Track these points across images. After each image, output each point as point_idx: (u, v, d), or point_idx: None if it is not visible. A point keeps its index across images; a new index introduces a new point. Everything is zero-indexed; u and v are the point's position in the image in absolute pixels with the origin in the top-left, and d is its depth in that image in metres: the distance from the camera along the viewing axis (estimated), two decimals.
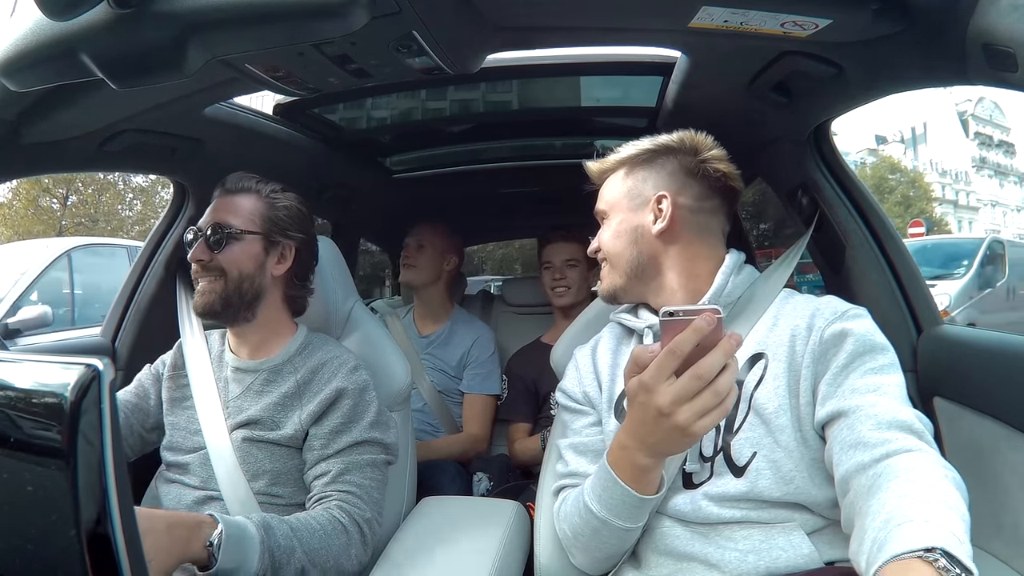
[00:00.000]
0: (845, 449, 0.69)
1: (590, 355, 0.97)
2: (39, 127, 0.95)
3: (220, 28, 0.62)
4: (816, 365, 0.76)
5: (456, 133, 1.83)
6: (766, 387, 0.78)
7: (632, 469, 0.72)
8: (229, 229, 0.99)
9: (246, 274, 1.00)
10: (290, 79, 0.85)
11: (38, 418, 0.42)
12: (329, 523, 0.89)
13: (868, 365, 0.74)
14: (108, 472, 0.39)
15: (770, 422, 0.77)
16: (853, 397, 0.71)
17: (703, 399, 0.62)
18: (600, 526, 0.78)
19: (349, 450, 0.96)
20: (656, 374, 0.63)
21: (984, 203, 38.28)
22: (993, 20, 0.61)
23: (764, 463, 0.76)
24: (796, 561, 0.73)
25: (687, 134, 0.91)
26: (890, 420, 0.68)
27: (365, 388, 1.02)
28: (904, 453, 0.65)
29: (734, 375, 0.62)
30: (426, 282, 1.87)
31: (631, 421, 0.70)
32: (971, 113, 36.93)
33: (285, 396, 1.00)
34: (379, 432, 1.00)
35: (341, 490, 0.94)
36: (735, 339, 0.61)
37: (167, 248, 1.40)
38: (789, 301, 0.86)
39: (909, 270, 1.06)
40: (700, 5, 0.74)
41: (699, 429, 0.63)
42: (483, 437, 1.75)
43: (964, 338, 0.94)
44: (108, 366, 0.40)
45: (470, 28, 0.82)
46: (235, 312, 1.01)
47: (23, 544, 0.42)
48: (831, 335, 0.76)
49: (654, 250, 0.89)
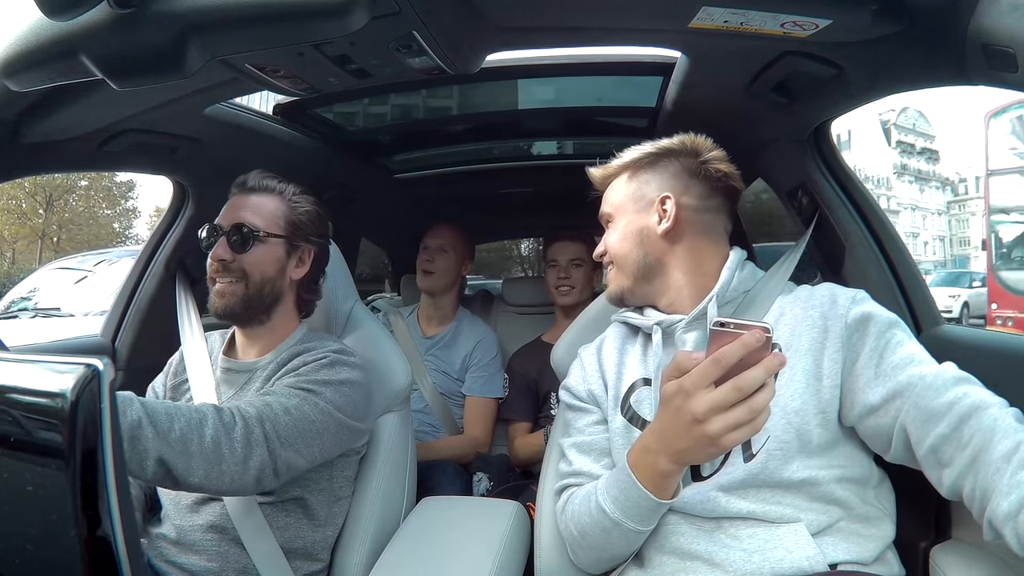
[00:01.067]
0: (920, 425, 0.71)
1: (595, 354, 0.97)
2: (39, 127, 0.95)
3: (220, 28, 0.62)
4: (846, 350, 0.79)
5: (456, 133, 1.83)
6: (782, 377, 0.78)
7: (653, 473, 0.73)
8: (254, 231, 0.98)
9: (268, 278, 0.99)
10: (290, 79, 0.85)
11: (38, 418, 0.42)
12: (200, 411, 0.77)
13: (895, 339, 0.79)
14: (108, 472, 0.39)
15: (786, 406, 0.78)
16: (897, 374, 0.75)
17: (738, 412, 0.62)
18: (612, 527, 0.78)
19: (282, 388, 0.89)
20: (697, 380, 0.64)
21: (904, 207, 41.53)
22: (993, 20, 0.61)
23: (775, 444, 0.77)
24: (800, 563, 0.73)
25: (687, 137, 0.93)
26: (942, 383, 0.72)
27: (338, 363, 0.96)
28: (976, 412, 0.68)
29: (771, 395, 0.63)
30: (445, 288, 1.87)
31: (660, 424, 0.70)
32: (894, 123, 40.53)
33: (266, 382, 0.98)
34: (335, 394, 0.91)
35: (247, 404, 0.83)
36: (780, 359, 0.62)
37: (167, 248, 1.40)
38: (789, 293, 0.89)
39: (909, 270, 1.06)
40: (700, 5, 0.74)
41: (727, 442, 0.64)
42: (484, 440, 1.75)
43: (964, 338, 0.94)
44: (108, 366, 0.40)
45: (470, 28, 0.82)
46: (253, 315, 1.00)
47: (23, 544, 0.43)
48: (855, 320, 0.80)
49: (660, 250, 0.90)
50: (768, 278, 0.91)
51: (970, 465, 0.66)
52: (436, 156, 2.03)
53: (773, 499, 0.77)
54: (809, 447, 0.77)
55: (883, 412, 0.76)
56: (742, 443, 0.78)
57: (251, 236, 0.98)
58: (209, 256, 0.99)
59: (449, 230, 1.91)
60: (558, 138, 2.01)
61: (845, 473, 0.79)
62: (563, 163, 2.07)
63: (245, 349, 1.06)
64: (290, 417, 0.85)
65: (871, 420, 0.77)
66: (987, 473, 0.64)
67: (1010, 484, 0.61)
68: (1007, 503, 0.60)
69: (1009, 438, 0.63)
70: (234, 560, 0.93)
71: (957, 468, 0.67)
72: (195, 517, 0.95)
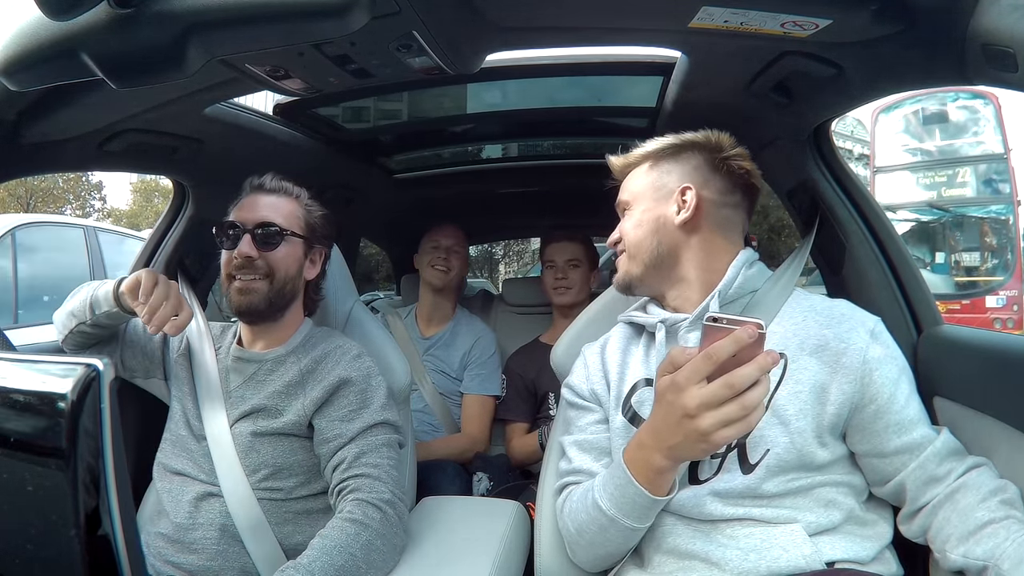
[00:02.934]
0: (919, 486, 0.78)
1: (599, 353, 0.97)
2: (39, 127, 0.95)
3: (220, 28, 0.62)
4: (858, 385, 0.78)
5: (456, 133, 1.82)
6: (786, 388, 0.79)
7: (647, 470, 0.73)
8: (281, 229, 1.00)
9: (290, 276, 1.02)
10: (290, 79, 0.85)
11: (38, 418, 0.42)
12: (342, 532, 0.85)
13: (907, 391, 0.81)
14: (108, 472, 0.39)
15: (789, 423, 0.78)
16: (911, 431, 0.79)
17: (729, 409, 0.62)
18: (608, 524, 0.78)
19: (363, 434, 0.96)
20: (689, 375, 0.64)
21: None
22: (993, 20, 0.61)
23: (774, 460, 0.77)
24: (797, 561, 0.73)
25: (710, 132, 0.93)
26: (945, 452, 0.78)
27: (370, 374, 1.02)
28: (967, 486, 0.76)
29: (765, 393, 0.63)
30: (457, 286, 1.89)
31: (654, 419, 0.70)
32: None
33: (288, 385, 1.00)
34: (390, 414, 1.01)
35: (358, 474, 0.92)
36: (773, 357, 0.62)
37: (168, 247, 1.40)
38: (803, 302, 0.87)
39: (909, 270, 1.06)
40: (700, 5, 0.73)
41: (719, 438, 0.64)
42: (483, 438, 1.75)
43: (964, 338, 0.94)
44: (108, 366, 0.40)
45: (470, 28, 0.82)
46: (273, 312, 1.02)
47: (23, 544, 0.43)
48: (874, 359, 0.79)
49: (675, 241, 0.90)
50: (776, 279, 0.91)
51: (947, 499, 0.76)
52: (436, 156, 2.03)
53: (770, 505, 0.77)
54: (810, 466, 0.78)
55: (888, 462, 0.79)
56: (739, 453, 0.78)
57: (278, 234, 0.99)
58: (231, 252, 0.99)
59: (454, 230, 1.92)
60: (558, 138, 2.01)
61: (844, 480, 0.80)
62: (563, 163, 2.07)
63: (251, 342, 1.07)
64: (390, 475, 0.94)
65: (875, 460, 0.80)
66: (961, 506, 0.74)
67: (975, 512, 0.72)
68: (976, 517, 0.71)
69: (988, 487, 0.74)
70: (234, 559, 0.93)
71: (931, 506, 0.76)
72: (195, 515, 0.95)
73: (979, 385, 0.84)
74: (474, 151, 2.05)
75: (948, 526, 0.73)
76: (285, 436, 0.98)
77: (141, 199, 26.21)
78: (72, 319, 1.02)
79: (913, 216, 6.54)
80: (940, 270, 6.32)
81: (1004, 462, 0.78)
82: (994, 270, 6.06)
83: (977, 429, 0.82)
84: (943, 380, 0.89)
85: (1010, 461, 0.77)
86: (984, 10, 0.62)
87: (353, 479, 0.92)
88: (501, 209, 2.57)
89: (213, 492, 0.96)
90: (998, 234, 6.09)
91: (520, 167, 2.10)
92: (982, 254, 6.18)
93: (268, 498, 0.96)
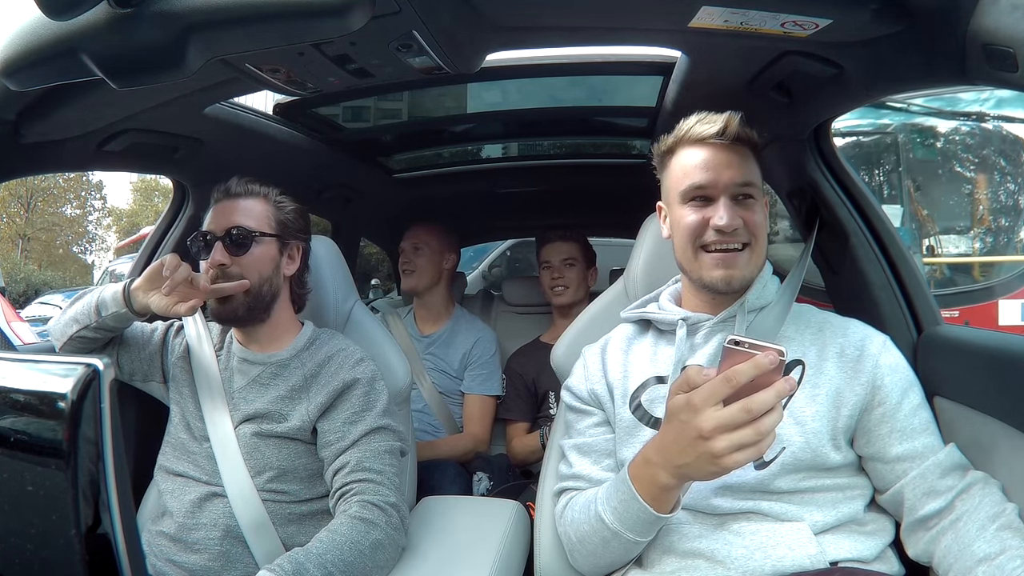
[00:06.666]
0: (919, 496, 0.78)
1: (599, 354, 0.97)
2: (39, 127, 0.95)
3: (220, 28, 0.62)
4: (871, 388, 0.81)
5: (456, 132, 1.83)
6: (803, 392, 0.81)
7: (652, 486, 0.73)
8: (250, 232, 1.00)
9: (265, 277, 1.02)
10: (290, 79, 0.85)
11: (38, 418, 0.42)
12: (352, 528, 0.87)
13: (916, 400, 0.82)
14: (108, 472, 0.39)
15: (805, 424, 0.79)
16: (916, 438, 0.80)
17: (744, 433, 0.62)
18: (611, 537, 0.78)
19: (365, 439, 0.97)
20: (707, 397, 0.64)
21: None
22: (993, 20, 0.61)
23: (789, 458, 0.78)
24: (802, 560, 0.73)
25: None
26: (948, 466, 0.78)
27: (374, 378, 1.03)
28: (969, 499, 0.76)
29: (779, 419, 0.63)
30: (428, 285, 1.87)
31: (664, 438, 0.70)
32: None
33: (293, 389, 1.00)
34: (392, 419, 1.01)
35: (361, 479, 0.93)
36: (791, 384, 0.62)
37: (167, 248, 1.40)
38: (818, 315, 0.89)
39: (909, 270, 1.06)
40: (700, 5, 0.73)
41: (730, 462, 0.64)
42: (483, 438, 1.75)
43: (964, 338, 0.94)
44: (108, 366, 0.40)
45: (470, 28, 0.82)
46: (255, 315, 1.03)
47: (23, 544, 0.43)
48: (887, 366, 0.82)
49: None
50: (786, 288, 0.91)
51: (951, 527, 0.75)
52: (436, 156, 2.03)
53: (779, 500, 0.78)
54: (822, 467, 0.79)
55: (890, 468, 0.79)
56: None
57: (247, 238, 1.00)
58: (206, 263, 1.00)
59: (422, 228, 1.90)
60: (558, 138, 2.01)
61: (852, 483, 0.81)
62: (563, 163, 2.07)
63: (246, 343, 1.07)
64: (391, 480, 0.95)
65: (879, 464, 0.80)
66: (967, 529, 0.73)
67: (990, 537, 0.71)
68: (983, 549, 0.70)
69: (987, 511, 0.73)
70: (236, 559, 0.93)
71: (935, 531, 0.76)
72: (198, 515, 0.95)
73: (979, 385, 0.84)
74: (474, 151, 2.05)
75: (949, 556, 0.74)
76: (290, 440, 0.98)
77: (141, 198, 26.23)
78: (74, 324, 1.02)
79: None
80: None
81: (1004, 462, 0.78)
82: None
83: (977, 429, 0.82)
84: (943, 380, 0.89)
85: (1010, 461, 0.77)
86: (984, 10, 0.62)
87: (357, 483, 0.92)
88: (501, 209, 2.57)
89: (216, 492, 0.96)
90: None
91: (520, 167, 2.10)
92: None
93: (273, 500, 0.96)
